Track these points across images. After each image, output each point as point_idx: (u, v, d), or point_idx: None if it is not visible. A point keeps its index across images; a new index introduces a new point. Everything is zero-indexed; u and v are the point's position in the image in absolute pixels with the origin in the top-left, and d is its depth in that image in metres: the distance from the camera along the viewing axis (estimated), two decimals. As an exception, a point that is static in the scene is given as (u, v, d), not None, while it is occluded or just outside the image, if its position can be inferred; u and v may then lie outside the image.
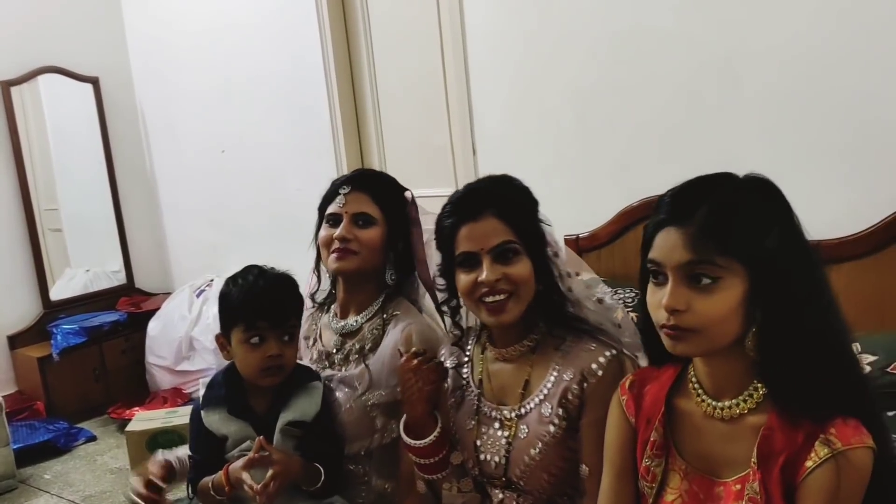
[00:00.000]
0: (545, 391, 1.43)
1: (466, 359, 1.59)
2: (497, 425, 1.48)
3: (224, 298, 1.71)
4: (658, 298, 1.11)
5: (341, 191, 1.78)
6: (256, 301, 1.66)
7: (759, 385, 1.11)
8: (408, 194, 1.83)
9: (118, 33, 4.71)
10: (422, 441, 1.54)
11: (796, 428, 1.05)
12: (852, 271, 2.20)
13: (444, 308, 1.61)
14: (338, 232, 1.74)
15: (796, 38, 2.38)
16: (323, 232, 1.79)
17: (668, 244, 1.10)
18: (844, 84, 2.31)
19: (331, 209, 1.79)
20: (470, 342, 1.61)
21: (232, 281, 1.71)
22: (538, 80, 3.01)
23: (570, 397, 1.40)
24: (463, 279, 1.44)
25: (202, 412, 1.69)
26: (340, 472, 1.73)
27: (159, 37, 4.54)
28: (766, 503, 1.05)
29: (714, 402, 1.14)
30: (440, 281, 1.57)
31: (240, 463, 1.60)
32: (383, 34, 3.62)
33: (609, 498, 1.27)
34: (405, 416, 1.59)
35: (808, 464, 1.03)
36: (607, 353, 1.41)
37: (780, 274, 1.06)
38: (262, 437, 1.60)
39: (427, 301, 1.84)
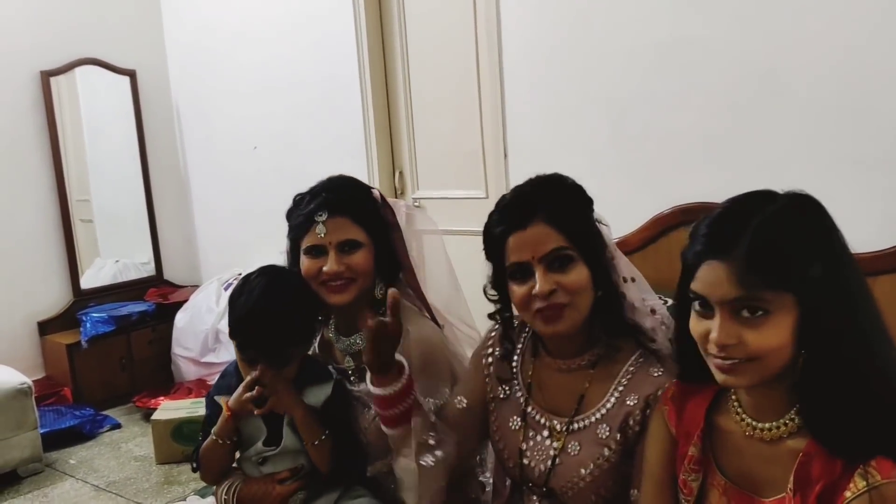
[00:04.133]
0: (603, 411, 1.38)
1: (518, 353, 1.52)
2: (546, 433, 1.43)
3: (230, 302, 1.64)
4: (704, 328, 1.08)
5: (317, 218, 1.63)
6: (247, 330, 1.59)
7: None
8: (375, 193, 1.72)
9: (156, 28, 4.77)
10: (387, 389, 1.44)
11: (835, 456, 1.03)
12: (889, 285, 2.19)
13: (497, 317, 1.53)
14: (328, 267, 1.61)
15: (838, 50, 2.36)
16: (306, 263, 1.65)
17: (712, 278, 1.06)
18: (885, 96, 2.29)
19: (310, 241, 1.65)
20: (523, 336, 1.54)
21: (241, 286, 1.64)
22: (574, 87, 3.01)
23: (631, 423, 1.35)
24: (516, 291, 1.36)
25: (214, 398, 1.70)
26: (358, 460, 1.70)
27: (197, 33, 4.60)
28: None
29: (754, 423, 1.13)
30: (491, 293, 1.48)
31: (240, 389, 1.60)
32: (419, 37, 3.64)
33: None
34: (370, 364, 1.46)
35: (847, 494, 1.01)
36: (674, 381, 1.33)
37: (829, 300, 1.03)
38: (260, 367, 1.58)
39: (442, 296, 1.77)
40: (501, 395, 1.51)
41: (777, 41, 2.48)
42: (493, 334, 1.58)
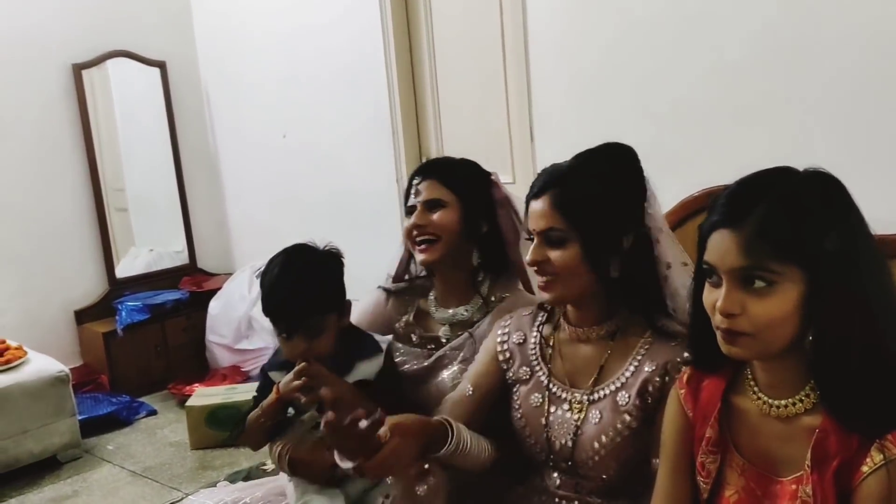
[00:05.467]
0: (623, 379, 1.42)
1: (535, 333, 1.57)
2: (566, 406, 1.47)
3: (260, 285, 1.70)
4: (714, 299, 1.09)
5: (414, 182, 1.82)
6: (274, 302, 1.65)
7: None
8: (494, 177, 1.84)
9: (185, 19, 4.80)
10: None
11: (851, 432, 1.03)
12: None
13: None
14: (411, 221, 1.77)
15: (867, 26, 2.29)
16: (405, 224, 1.82)
17: (721, 247, 1.07)
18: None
19: (409, 202, 1.82)
20: (539, 317, 1.59)
21: (267, 265, 1.70)
22: (600, 66, 2.97)
23: (650, 389, 1.39)
24: (524, 254, 1.48)
25: (268, 372, 1.74)
26: None
27: (225, 23, 4.62)
28: None
29: (769, 401, 1.12)
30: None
31: (290, 375, 1.63)
32: (444, 20, 3.62)
33: (665, 492, 1.26)
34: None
35: (864, 469, 1.01)
36: None
37: (839, 277, 1.02)
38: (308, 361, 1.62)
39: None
40: (525, 377, 1.55)
41: (806, 16, 2.41)
42: (506, 323, 1.63)
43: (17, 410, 3.39)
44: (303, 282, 1.64)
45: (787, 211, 1.04)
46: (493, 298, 1.80)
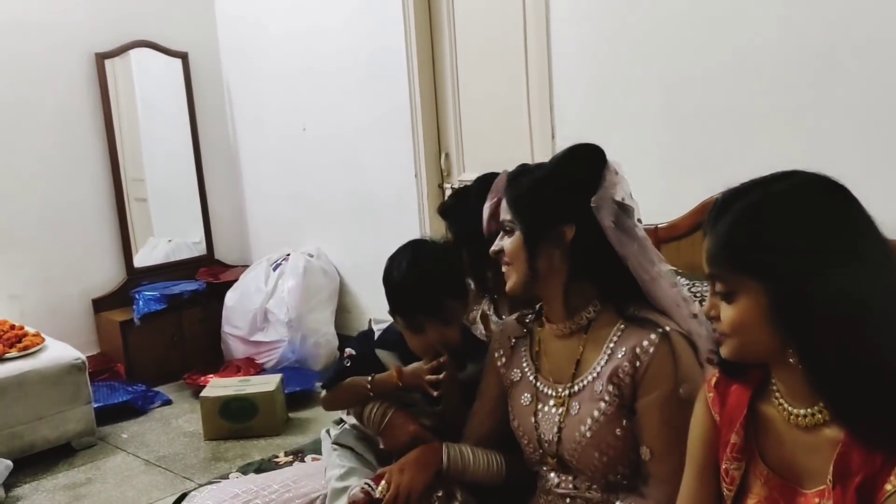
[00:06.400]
0: (598, 369, 1.45)
1: (525, 333, 1.62)
2: (552, 402, 1.51)
3: (384, 282, 1.72)
4: None
5: None
6: (405, 295, 1.67)
7: None
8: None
9: (208, 10, 4.81)
10: None
11: (871, 449, 0.99)
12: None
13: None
14: None
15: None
16: None
17: (702, 252, 1.09)
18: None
19: None
20: (528, 319, 1.63)
21: (389, 264, 1.72)
22: (624, 65, 2.95)
23: (620, 375, 1.41)
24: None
25: (378, 351, 1.76)
26: None
27: (247, 16, 4.63)
28: None
29: (791, 410, 1.09)
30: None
31: (419, 365, 1.66)
32: (466, 16, 3.60)
33: (690, 494, 1.24)
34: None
35: (888, 487, 0.97)
36: (659, 331, 1.40)
37: (808, 290, 0.98)
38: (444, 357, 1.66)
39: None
40: (516, 379, 1.59)
41: (834, 18, 2.38)
42: (502, 328, 1.68)
43: (33, 397, 3.41)
44: (433, 269, 1.67)
45: (752, 223, 1.03)
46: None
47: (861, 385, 0.98)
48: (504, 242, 1.50)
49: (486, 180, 1.76)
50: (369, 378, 1.70)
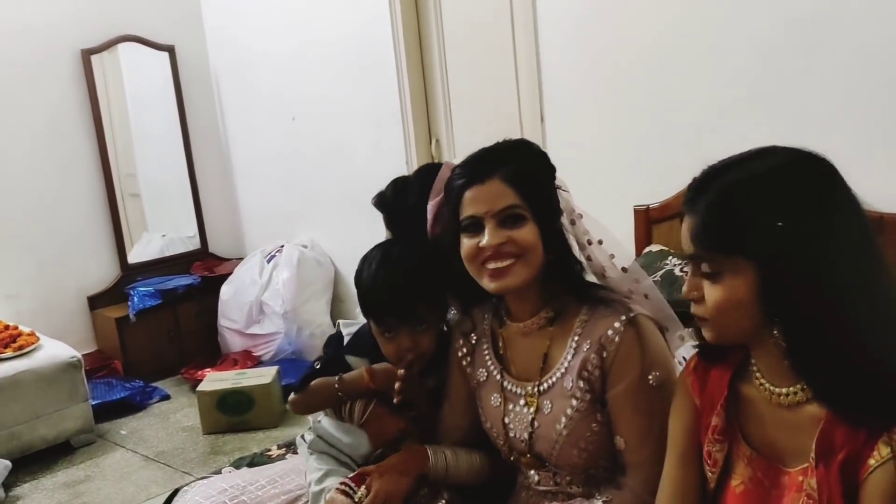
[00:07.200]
0: (566, 364, 1.40)
1: (487, 330, 1.55)
2: (522, 402, 1.46)
3: (356, 284, 1.65)
4: None
5: None
6: (378, 297, 1.59)
7: None
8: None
9: (194, 3, 4.77)
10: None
11: (852, 425, 0.98)
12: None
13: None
14: None
15: (885, 4, 2.23)
16: None
17: (682, 233, 1.07)
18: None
19: None
20: (486, 318, 1.55)
21: (361, 264, 1.64)
22: (610, 45, 2.92)
23: (589, 368, 1.37)
24: (466, 244, 1.39)
25: (346, 355, 1.71)
26: None
27: (233, 7, 4.58)
28: (827, 500, 0.99)
29: (772, 389, 1.08)
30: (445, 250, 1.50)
31: (385, 367, 1.61)
32: (453, 3, 3.56)
33: (672, 482, 1.23)
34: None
35: (871, 462, 0.96)
36: (622, 318, 1.36)
37: (797, 268, 0.97)
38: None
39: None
40: (482, 379, 1.54)
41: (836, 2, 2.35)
42: (463, 327, 1.60)
43: (30, 396, 3.41)
44: (406, 271, 1.57)
45: (735, 201, 1.01)
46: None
47: (842, 364, 0.98)
48: (515, 233, 1.35)
49: (430, 171, 1.65)
50: (337, 378, 1.64)
